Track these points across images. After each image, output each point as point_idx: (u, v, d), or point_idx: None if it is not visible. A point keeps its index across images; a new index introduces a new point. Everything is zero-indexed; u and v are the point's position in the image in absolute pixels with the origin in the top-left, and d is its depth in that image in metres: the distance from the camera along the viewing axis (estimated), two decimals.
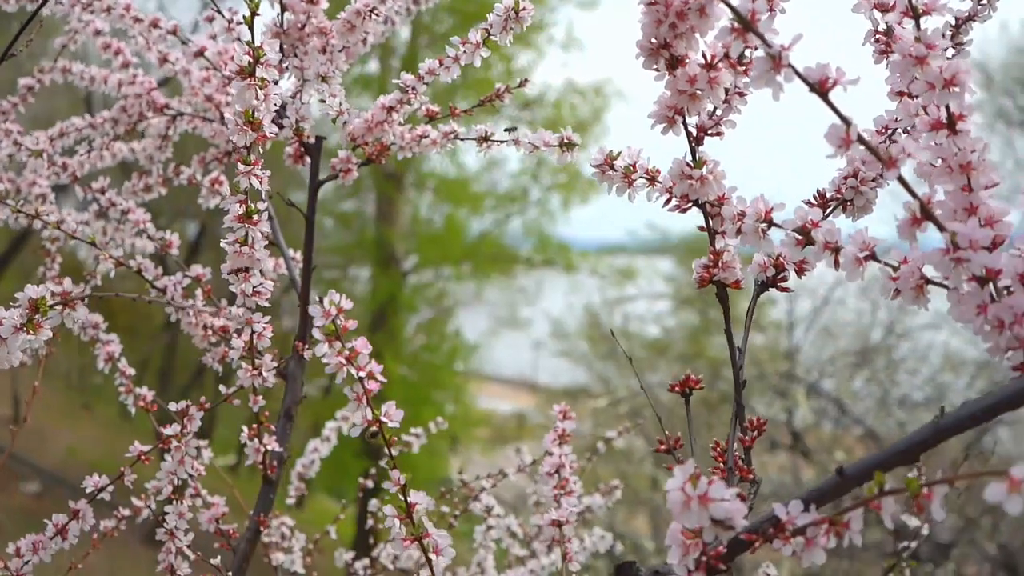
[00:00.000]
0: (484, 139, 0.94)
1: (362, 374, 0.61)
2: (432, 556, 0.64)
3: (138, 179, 1.19)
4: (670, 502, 0.50)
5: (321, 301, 0.60)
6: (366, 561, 1.43)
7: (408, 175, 11.76)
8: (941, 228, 0.51)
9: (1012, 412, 0.52)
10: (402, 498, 0.64)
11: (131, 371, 1.09)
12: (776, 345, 7.54)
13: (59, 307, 0.67)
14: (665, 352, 9.18)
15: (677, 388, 0.66)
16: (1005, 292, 0.52)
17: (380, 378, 0.62)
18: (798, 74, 0.50)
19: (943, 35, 0.73)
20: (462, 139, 0.96)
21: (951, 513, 6.11)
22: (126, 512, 1.08)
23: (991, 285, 0.51)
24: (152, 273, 1.00)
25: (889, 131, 0.69)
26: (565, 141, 0.83)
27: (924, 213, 0.52)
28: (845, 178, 0.68)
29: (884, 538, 5.84)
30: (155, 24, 1.09)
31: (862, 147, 0.52)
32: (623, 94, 10.30)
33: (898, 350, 7.18)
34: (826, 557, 0.51)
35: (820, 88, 0.51)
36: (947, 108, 0.53)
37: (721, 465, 0.63)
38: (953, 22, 0.73)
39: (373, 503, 1.37)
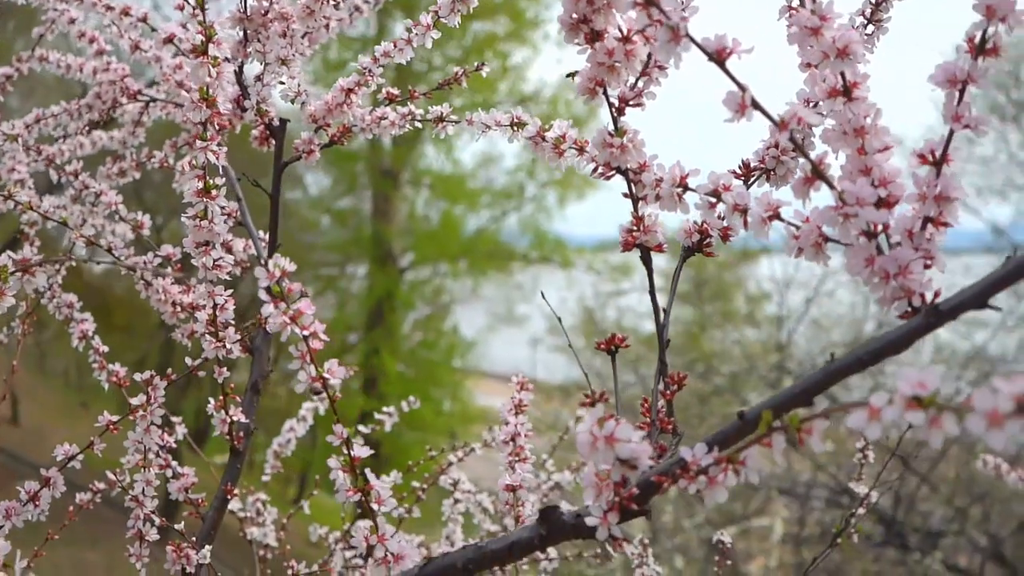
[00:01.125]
0: (440, 119, 0.98)
1: (306, 333, 0.65)
2: (375, 506, 0.67)
3: (112, 163, 1.23)
4: (579, 443, 0.54)
5: (266, 265, 0.63)
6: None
7: (404, 172, 11.79)
8: (831, 186, 0.55)
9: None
10: (345, 451, 0.68)
11: (104, 348, 1.13)
12: (770, 340, 7.58)
13: (18, 273, 0.71)
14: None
15: (603, 346, 0.70)
16: (898, 247, 0.56)
17: (323, 337, 0.66)
18: (696, 44, 0.54)
19: (862, 12, 0.77)
20: (419, 120, 0.99)
21: (941, 503, 6.15)
22: (101, 485, 1.12)
23: (878, 240, 0.55)
24: (121, 252, 1.04)
25: (811, 103, 0.72)
26: (515, 121, 0.87)
27: (816, 173, 0.55)
28: (767, 148, 0.71)
29: (873, 527, 5.89)
30: (126, 12, 1.13)
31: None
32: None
33: None
34: (728, 495, 0.55)
35: (718, 57, 0.54)
36: (842, 76, 0.57)
37: (647, 419, 0.67)
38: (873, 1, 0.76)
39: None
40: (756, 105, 0.54)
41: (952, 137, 0.56)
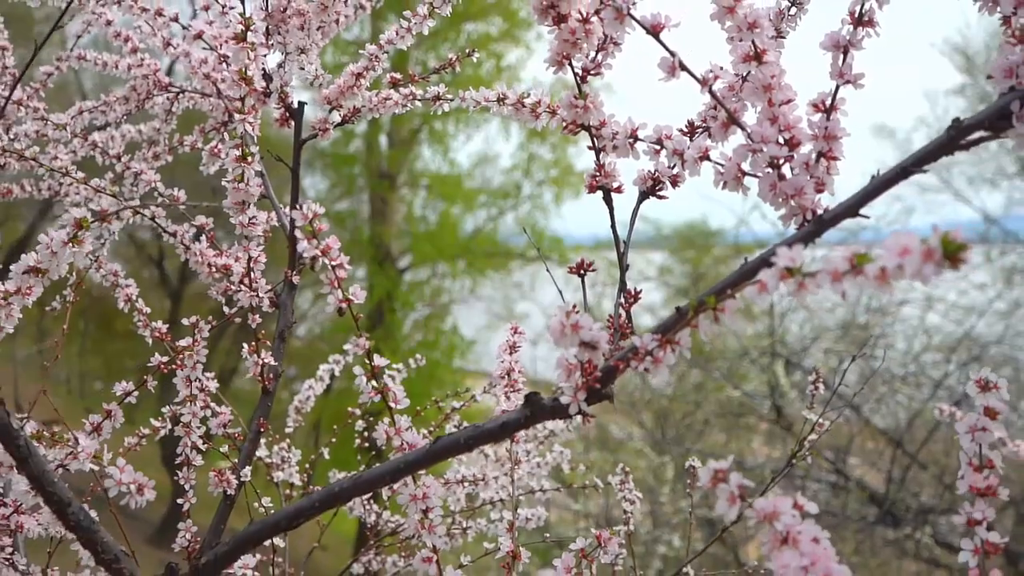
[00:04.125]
0: (437, 98, 1.14)
1: (334, 263, 0.81)
2: (392, 405, 0.83)
3: (147, 148, 1.39)
4: (550, 331, 0.69)
5: (300, 207, 0.79)
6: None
7: (401, 174, 11.94)
8: (743, 129, 0.71)
9: None
10: (367, 361, 0.84)
11: (147, 309, 1.28)
12: (765, 330, 7.75)
13: (98, 222, 0.86)
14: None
15: (573, 270, 0.86)
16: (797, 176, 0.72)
17: (347, 267, 0.82)
18: (637, 21, 0.70)
19: None
20: (419, 100, 1.15)
21: (930, 480, 6.31)
22: (145, 431, 1.28)
23: (782, 170, 0.71)
24: (164, 221, 1.19)
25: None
26: (500, 96, 1.02)
27: (730, 119, 0.71)
28: (709, 109, 0.87)
29: (862, 507, 6.04)
30: (160, 13, 1.29)
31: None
32: (612, 87, 10.51)
33: (885, 330, 7.39)
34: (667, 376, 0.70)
35: (654, 31, 0.70)
36: (753, 44, 0.73)
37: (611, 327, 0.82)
38: None
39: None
40: (683, 67, 0.70)
41: (838, 89, 0.71)
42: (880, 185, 0.65)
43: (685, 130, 0.87)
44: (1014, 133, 0.62)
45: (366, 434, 1.58)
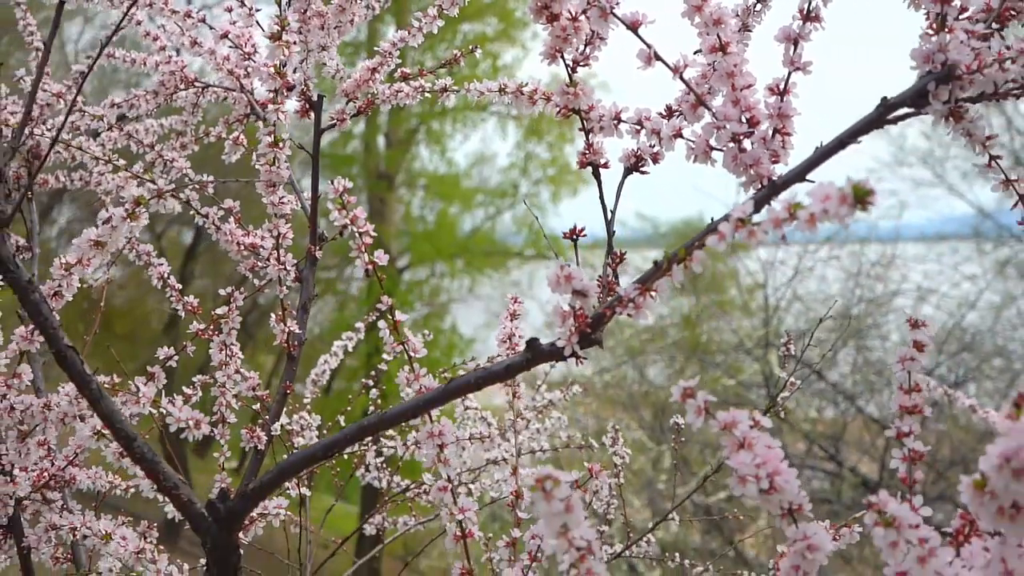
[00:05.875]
0: (444, 90, 1.26)
1: (361, 230, 0.93)
2: (412, 353, 0.96)
3: (176, 139, 1.51)
4: (548, 281, 0.82)
5: (333, 182, 0.92)
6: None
7: (399, 175, 12.06)
8: (709, 109, 0.83)
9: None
10: (391, 316, 0.96)
11: (179, 286, 1.41)
12: (760, 323, 7.90)
13: (155, 199, 0.99)
14: (658, 339, 9.53)
15: (568, 235, 0.98)
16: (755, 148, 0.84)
17: (372, 234, 0.95)
18: (618, 18, 0.82)
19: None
20: (428, 92, 1.28)
21: (922, 467, 6.44)
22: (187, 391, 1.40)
23: (743, 144, 0.84)
24: (197, 204, 1.32)
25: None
26: (501, 87, 1.15)
27: (698, 101, 0.84)
28: (683, 94, 0.99)
29: (856, 494, 6.17)
30: (188, 15, 1.41)
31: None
32: (607, 86, 10.63)
33: (878, 321, 7.54)
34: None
35: (633, 26, 0.83)
36: (718, 37, 0.86)
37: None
38: None
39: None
40: (658, 57, 0.83)
41: (790, 75, 0.84)
42: (822, 155, 0.78)
43: (664, 113, 1.00)
44: (931, 109, 0.75)
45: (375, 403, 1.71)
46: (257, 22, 1.28)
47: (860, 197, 0.59)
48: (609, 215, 0.97)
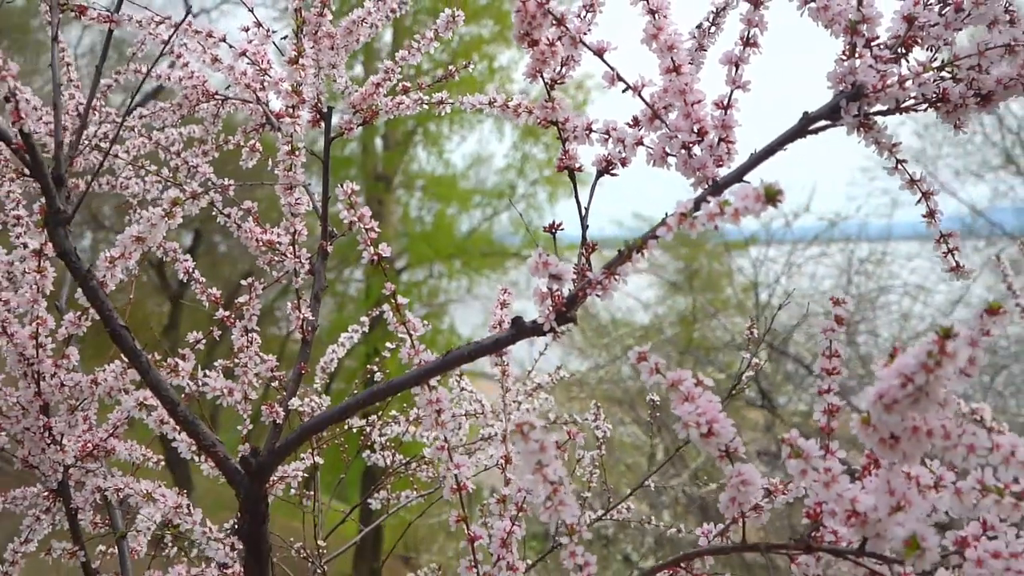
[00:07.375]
0: (441, 103, 1.42)
1: (367, 226, 1.09)
2: (412, 332, 1.11)
3: (198, 146, 1.67)
4: (529, 267, 0.97)
5: (342, 185, 1.07)
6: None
7: (397, 176, 12.20)
8: (663, 122, 0.99)
9: None
10: (394, 300, 1.12)
11: (203, 279, 1.56)
12: (756, 325, 8.05)
13: (189, 200, 1.14)
14: (652, 335, 9.67)
15: (547, 229, 1.14)
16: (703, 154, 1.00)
17: (377, 230, 1.10)
18: (586, 45, 0.98)
19: (707, 19, 1.20)
20: (426, 104, 1.43)
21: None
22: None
23: (691, 151, 0.99)
24: (220, 205, 1.47)
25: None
26: (491, 100, 1.30)
27: (654, 115, 0.99)
28: (644, 108, 1.15)
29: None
30: (210, 34, 1.56)
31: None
32: (604, 88, 10.79)
33: (871, 317, 7.70)
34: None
35: (598, 52, 0.98)
36: (672, 60, 1.01)
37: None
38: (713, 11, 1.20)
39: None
40: (620, 78, 0.98)
41: (732, 93, 1.00)
42: (754, 161, 0.94)
43: (631, 123, 1.16)
44: (843, 122, 0.91)
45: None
46: (270, 37, 1.43)
47: (771, 196, 0.74)
48: (583, 212, 1.12)
